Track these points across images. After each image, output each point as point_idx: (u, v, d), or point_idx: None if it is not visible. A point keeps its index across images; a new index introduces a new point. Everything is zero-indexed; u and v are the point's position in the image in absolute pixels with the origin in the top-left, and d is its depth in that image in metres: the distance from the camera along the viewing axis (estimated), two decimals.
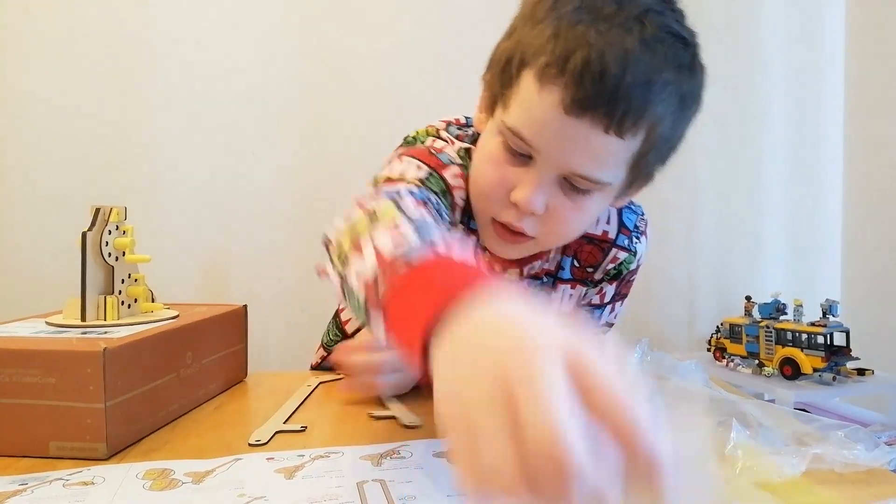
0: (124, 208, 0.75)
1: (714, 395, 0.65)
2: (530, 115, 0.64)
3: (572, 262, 0.82)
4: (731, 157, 1.96)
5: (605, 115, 0.61)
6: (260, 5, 1.67)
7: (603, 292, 0.85)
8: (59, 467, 0.56)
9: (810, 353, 1.62)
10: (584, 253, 0.82)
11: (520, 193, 0.66)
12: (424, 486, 0.51)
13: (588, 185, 0.66)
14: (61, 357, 0.59)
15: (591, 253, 0.82)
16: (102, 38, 1.60)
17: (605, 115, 0.61)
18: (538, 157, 0.65)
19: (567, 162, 0.64)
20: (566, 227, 0.71)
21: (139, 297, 0.77)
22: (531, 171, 0.66)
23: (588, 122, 0.61)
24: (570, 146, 0.63)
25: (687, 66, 0.66)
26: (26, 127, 1.58)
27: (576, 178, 0.66)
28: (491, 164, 0.69)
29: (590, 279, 0.84)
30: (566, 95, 0.61)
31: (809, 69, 2.02)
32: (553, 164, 0.65)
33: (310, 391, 0.81)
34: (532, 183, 0.66)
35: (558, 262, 0.82)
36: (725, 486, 0.47)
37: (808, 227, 2.05)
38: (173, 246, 1.60)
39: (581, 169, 0.65)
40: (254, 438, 0.63)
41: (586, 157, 0.64)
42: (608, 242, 0.82)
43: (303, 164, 1.63)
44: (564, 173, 0.66)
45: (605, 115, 0.61)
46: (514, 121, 0.65)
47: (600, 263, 0.83)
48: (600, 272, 0.84)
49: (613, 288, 0.86)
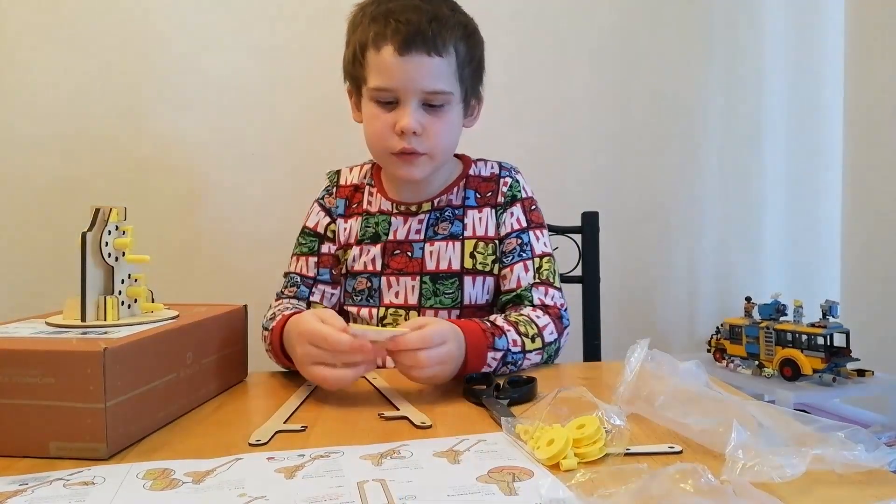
0: (124, 208, 0.75)
1: (714, 395, 0.65)
2: (381, 71, 0.96)
3: (475, 193, 1.07)
4: (731, 158, 1.97)
5: (422, 44, 0.93)
6: (261, 5, 1.67)
7: (516, 217, 1.06)
8: (59, 467, 0.56)
9: (810, 354, 1.62)
10: (482, 186, 1.08)
11: (401, 122, 0.95)
12: (424, 486, 0.51)
13: (439, 98, 0.96)
14: (61, 357, 0.59)
15: (485, 185, 1.08)
16: (102, 37, 1.60)
17: (423, 45, 0.93)
18: (399, 95, 0.96)
19: (418, 86, 0.95)
20: (441, 137, 0.98)
21: (139, 297, 0.77)
22: (400, 107, 0.96)
23: (416, 55, 0.94)
24: (414, 76, 0.94)
25: (457, 10, 1.01)
26: (26, 127, 1.58)
27: (429, 96, 0.96)
28: (374, 119, 0.98)
29: (492, 202, 1.07)
30: (395, 44, 0.93)
31: (809, 70, 2.02)
32: (411, 93, 0.95)
33: (309, 391, 0.81)
34: (405, 113, 0.95)
35: (463, 196, 1.07)
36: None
37: (808, 227, 2.05)
38: (173, 246, 1.60)
39: (430, 86, 0.95)
40: (254, 438, 0.63)
41: (428, 77, 0.95)
42: (495, 176, 1.09)
43: (304, 164, 1.63)
44: (420, 97, 0.96)
45: (423, 45, 0.93)
46: (374, 81, 0.97)
47: (497, 189, 1.07)
48: (500, 196, 1.07)
49: (521, 213, 1.06)
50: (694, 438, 0.60)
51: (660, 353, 0.69)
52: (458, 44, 0.97)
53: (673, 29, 1.89)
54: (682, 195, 1.93)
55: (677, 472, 0.46)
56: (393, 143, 0.97)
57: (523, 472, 0.54)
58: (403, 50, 0.93)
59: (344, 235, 1.08)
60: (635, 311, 1.87)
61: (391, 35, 0.94)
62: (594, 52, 1.84)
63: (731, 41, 1.94)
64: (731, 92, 1.95)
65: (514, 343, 0.89)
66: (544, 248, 1.06)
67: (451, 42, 0.96)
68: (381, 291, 1.04)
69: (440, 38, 0.94)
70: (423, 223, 1.04)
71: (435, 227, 1.04)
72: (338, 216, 1.08)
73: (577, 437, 0.57)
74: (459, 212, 1.06)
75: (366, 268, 1.05)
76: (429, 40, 0.93)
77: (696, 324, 1.97)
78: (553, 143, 1.82)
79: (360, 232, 1.06)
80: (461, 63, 0.98)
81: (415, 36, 0.93)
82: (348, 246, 1.07)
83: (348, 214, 1.08)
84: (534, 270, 1.02)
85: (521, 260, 1.03)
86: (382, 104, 0.97)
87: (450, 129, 1.00)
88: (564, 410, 0.63)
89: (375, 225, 1.06)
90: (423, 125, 0.96)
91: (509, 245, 1.04)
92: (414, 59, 0.93)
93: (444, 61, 0.95)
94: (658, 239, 1.91)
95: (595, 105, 1.84)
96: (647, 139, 1.89)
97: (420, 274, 1.03)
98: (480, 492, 0.50)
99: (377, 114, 0.98)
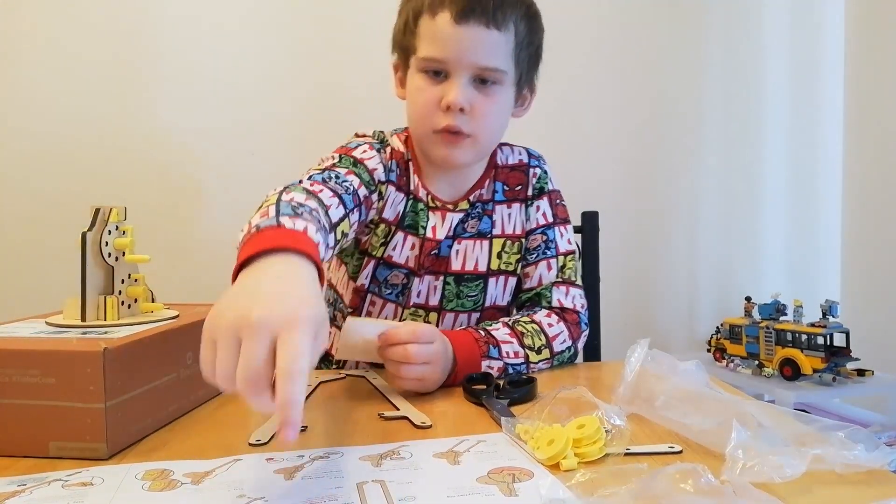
0: (124, 208, 0.75)
1: (714, 395, 0.65)
2: (434, 39, 0.88)
3: (503, 186, 1.01)
4: (731, 158, 1.97)
5: (482, 14, 0.86)
6: (263, 5, 1.67)
7: (543, 212, 1.02)
8: (59, 468, 0.56)
9: (810, 354, 1.62)
10: (511, 178, 1.01)
11: (449, 96, 0.87)
12: (424, 486, 0.51)
13: (492, 74, 0.89)
14: (61, 357, 0.59)
15: (514, 176, 1.02)
16: (102, 38, 1.60)
17: (482, 15, 0.86)
18: (450, 68, 0.88)
19: (471, 59, 0.87)
20: (489, 119, 0.91)
21: (139, 297, 0.77)
22: (449, 81, 0.88)
23: (473, 25, 0.86)
24: (468, 46, 0.87)
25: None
26: (26, 127, 1.58)
27: (483, 72, 0.88)
28: (419, 92, 0.90)
29: (521, 196, 1.01)
30: (452, 11, 0.86)
31: (809, 69, 2.02)
32: (463, 66, 0.87)
33: (310, 391, 0.81)
34: (454, 87, 0.88)
35: (493, 189, 1.00)
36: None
37: (808, 227, 2.05)
38: (173, 246, 1.60)
39: (483, 60, 0.88)
40: (254, 438, 0.63)
41: (483, 51, 0.87)
42: (525, 165, 1.03)
43: (303, 164, 1.63)
44: (473, 72, 0.88)
45: (482, 15, 0.86)
46: (425, 51, 0.89)
47: (526, 182, 1.02)
48: (530, 188, 1.02)
49: (548, 206, 1.02)
50: (694, 438, 0.60)
51: (660, 353, 0.69)
52: (519, 22, 0.89)
53: (673, 29, 1.89)
54: (682, 195, 1.93)
55: (677, 472, 0.46)
56: (437, 120, 0.89)
57: (523, 472, 0.54)
58: (461, 18, 0.85)
59: (389, 209, 0.95)
60: (635, 311, 1.87)
61: (449, 4, 0.86)
62: (594, 53, 1.84)
63: (731, 41, 1.94)
64: (730, 92, 1.95)
65: (515, 355, 0.87)
66: (568, 245, 1.02)
67: (511, 18, 0.88)
68: (410, 290, 0.97)
69: (501, 11, 0.87)
70: (457, 222, 0.97)
71: (465, 223, 0.97)
72: (389, 181, 0.95)
73: (577, 437, 0.57)
74: (489, 206, 0.99)
75: (406, 262, 0.96)
76: (489, 11, 0.86)
77: (696, 324, 1.97)
78: (553, 143, 1.80)
79: (407, 217, 0.95)
80: (520, 43, 0.90)
81: (475, 4, 0.85)
82: (390, 225, 0.95)
83: (398, 185, 0.96)
84: (557, 269, 0.99)
85: (544, 258, 0.99)
86: (431, 76, 0.89)
87: (499, 111, 0.92)
88: (564, 410, 0.63)
89: (416, 214, 0.96)
90: (472, 103, 0.88)
91: (534, 242, 1.00)
92: (471, 28, 0.86)
93: (503, 37, 0.88)
94: (658, 239, 1.91)
95: (595, 105, 1.84)
96: (647, 139, 1.89)
97: (445, 274, 0.97)
98: (480, 493, 0.50)
99: (424, 86, 0.90)
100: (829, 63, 2.01)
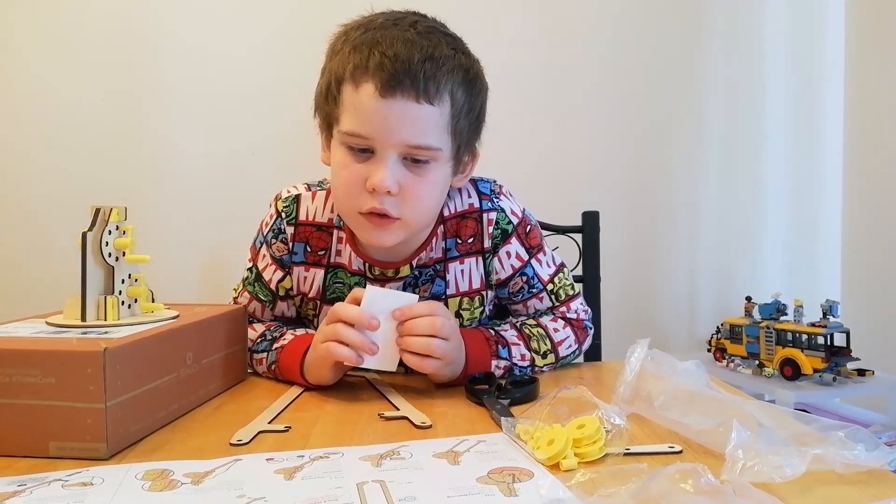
0: (124, 208, 0.75)
1: (714, 395, 0.65)
2: (356, 113, 0.78)
3: (455, 241, 0.90)
4: (731, 158, 1.96)
5: (410, 87, 0.75)
6: (264, 5, 1.67)
7: (514, 254, 0.91)
8: (59, 468, 0.56)
9: (810, 354, 1.61)
10: (462, 228, 0.90)
11: (373, 178, 0.77)
12: (424, 486, 0.51)
13: (424, 153, 0.79)
14: (61, 357, 0.59)
15: (467, 226, 0.90)
16: (103, 37, 1.60)
17: (411, 87, 0.76)
18: (376, 145, 0.78)
19: (399, 137, 0.77)
20: (422, 201, 0.81)
21: (139, 297, 0.77)
22: (375, 159, 0.78)
23: (401, 98, 0.76)
24: (395, 123, 0.77)
25: (459, 49, 0.82)
26: (26, 126, 1.58)
27: (412, 151, 0.78)
28: (343, 169, 0.81)
29: (476, 248, 0.91)
30: (376, 83, 0.76)
31: (809, 70, 2.02)
32: (389, 145, 0.77)
33: (300, 392, 0.81)
34: (379, 167, 0.78)
35: (443, 248, 0.90)
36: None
37: (808, 227, 2.05)
38: (173, 246, 1.60)
39: (412, 139, 0.77)
40: (235, 439, 0.63)
41: (411, 128, 0.77)
42: (476, 211, 0.90)
43: (304, 165, 1.63)
44: (401, 150, 0.78)
45: (411, 87, 0.76)
46: (348, 125, 0.79)
47: (481, 232, 0.90)
48: (486, 239, 0.90)
49: (519, 245, 0.91)
50: (694, 438, 0.60)
51: (660, 352, 0.69)
52: (456, 90, 0.79)
53: (673, 29, 1.89)
54: (683, 195, 1.93)
55: (677, 472, 0.46)
56: (362, 201, 0.79)
57: (523, 472, 0.54)
58: (386, 91, 0.75)
59: (305, 286, 0.91)
60: (635, 311, 1.87)
61: (374, 70, 0.76)
62: (594, 53, 1.84)
63: (731, 41, 1.94)
64: (731, 92, 1.95)
65: (522, 357, 0.87)
66: (549, 269, 0.94)
67: (446, 88, 0.78)
68: None
69: (433, 81, 0.76)
70: (402, 288, 0.88)
71: (414, 289, 0.89)
72: (294, 264, 0.90)
73: (577, 437, 0.57)
74: (440, 267, 0.90)
75: None
76: (418, 83, 0.75)
77: (696, 324, 1.96)
78: (553, 143, 1.82)
79: (329, 290, 0.90)
80: (457, 113, 0.80)
81: (402, 75, 0.75)
82: (312, 300, 0.91)
83: (310, 262, 0.90)
84: (549, 297, 0.94)
85: (532, 296, 0.93)
86: (355, 152, 0.79)
87: (432, 192, 0.82)
88: (564, 410, 0.63)
89: (343, 286, 0.90)
90: (401, 185, 0.78)
91: (515, 286, 0.93)
92: (399, 103, 0.76)
93: (436, 111, 0.77)
94: (658, 239, 1.91)
95: (595, 105, 1.84)
96: (647, 139, 1.88)
97: None
98: (480, 493, 0.50)
99: (347, 163, 0.80)
100: (829, 63, 2.00)
